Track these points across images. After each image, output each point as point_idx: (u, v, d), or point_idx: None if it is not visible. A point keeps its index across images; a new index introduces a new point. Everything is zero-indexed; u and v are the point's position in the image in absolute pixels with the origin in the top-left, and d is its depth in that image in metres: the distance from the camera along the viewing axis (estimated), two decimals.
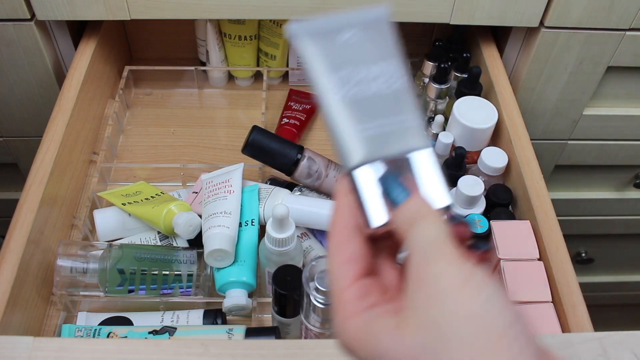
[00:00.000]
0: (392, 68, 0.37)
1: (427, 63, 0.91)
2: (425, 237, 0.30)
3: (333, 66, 0.37)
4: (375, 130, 0.35)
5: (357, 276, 0.32)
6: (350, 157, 0.35)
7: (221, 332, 0.63)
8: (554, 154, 1.02)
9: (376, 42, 0.38)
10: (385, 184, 0.34)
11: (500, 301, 0.27)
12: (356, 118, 0.36)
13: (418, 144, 0.36)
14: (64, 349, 0.50)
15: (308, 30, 0.37)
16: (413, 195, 0.32)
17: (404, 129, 0.36)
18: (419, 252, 0.29)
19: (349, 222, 0.33)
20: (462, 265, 0.28)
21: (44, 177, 0.68)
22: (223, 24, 0.93)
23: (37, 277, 0.65)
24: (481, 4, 0.79)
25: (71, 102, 0.77)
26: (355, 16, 0.38)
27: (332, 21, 0.38)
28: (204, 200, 0.73)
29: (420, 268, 0.29)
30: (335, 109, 0.36)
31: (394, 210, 0.32)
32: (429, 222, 0.30)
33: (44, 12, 0.78)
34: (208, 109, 0.97)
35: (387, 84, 0.37)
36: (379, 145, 0.35)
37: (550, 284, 0.63)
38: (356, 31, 0.38)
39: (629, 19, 0.81)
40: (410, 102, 0.37)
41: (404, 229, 0.31)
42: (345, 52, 0.37)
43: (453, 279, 0.27)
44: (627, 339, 0.51)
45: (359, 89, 0.36)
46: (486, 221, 0.67)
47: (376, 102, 0.36)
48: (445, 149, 0.78)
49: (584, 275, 1.36)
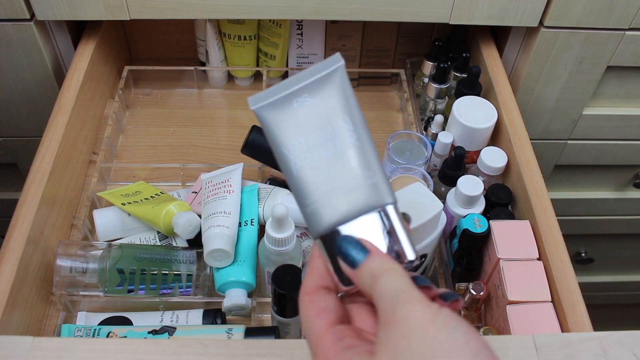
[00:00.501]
0: (344, 127, 0.37)
1: (427, 63, 0.91)
2: (390, 287, 0.32)
3: (287, 137, 0.37)
4: (337, 195, 0.36)
5: (331, 324, 0.34)
6: (316, 225, 0.36)
7: (221, 331, 0.63)
8: (553, 154, 1.02)
9: (327, 102, 0.37)
10: (341, 248, 0.36)
11: (464, 334, 0.29)
12: (312, 188, 0.36)
13: (378, 200, 0.36)
14: (63, 348, 0.50)
15: (265, 102, 0.38)
16: (371, 254, 0.35)
17: (366, 186, 0.36)
18: (386, 300, 0.32)
19: (319, 282, 0.36)
20: (427, 306, 0.30)
21: (43, 177, 0.68)
22: (223, 24, 0.93)
23: (37, 277, 0.65)
24: (481, 4, 0.79)
25: (71, 102, 0.77)
26: (311, 73, 0.38)
27: (288, 87, 0.38)
28: (204, 200, 0.73)
29: (388, 312, 0.31)
30: (296, 179, 0.37)
31: (355, 271, 0.35)
32: (391, 274, 0.33)
33: (43, 12, 0.78)
34: (208, 109, 0.97)
35: (340, 145, 0.37)
36: (340, 210, 0.36)
37: (549, 283, 0.63)
38: (309, 94, 0.38)
39: (628, 19, 0.81)
40: (368, 158, 0.37)
41: (368, 286, 0.34)
42: (298, 120, 0.37)
43: (419, 318, 0.30)
44: (627, 339, 0.51)
45: (313, 157, 0.37)
46: (486, 221, 0.67)
47: (332, 166, 0.36)
48: (445, 148, 0.78)
49: (584, 275, 1.36)
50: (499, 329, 0.64)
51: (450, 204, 0.71)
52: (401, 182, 0.71)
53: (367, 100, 1.00)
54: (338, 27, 0.94)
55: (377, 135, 0.93)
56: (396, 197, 0.37)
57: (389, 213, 0.37)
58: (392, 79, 1.02)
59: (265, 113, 0.38)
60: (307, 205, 0.37)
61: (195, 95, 0.99)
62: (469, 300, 0.67)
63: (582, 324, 0.59)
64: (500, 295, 0.64)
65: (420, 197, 0.62)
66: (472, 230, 0.66)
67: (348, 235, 0.36)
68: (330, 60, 0.38)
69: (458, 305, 0.35)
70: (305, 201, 0.37)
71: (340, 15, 0.81)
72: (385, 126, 0.95)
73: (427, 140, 0.76)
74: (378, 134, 0.94)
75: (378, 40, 0.97)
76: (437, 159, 0.80)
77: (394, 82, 1.02)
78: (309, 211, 0.37)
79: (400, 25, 0.96)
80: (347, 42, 0.96)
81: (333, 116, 0.37)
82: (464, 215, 0.69)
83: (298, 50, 0.97)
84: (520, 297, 0.62)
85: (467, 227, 0.67)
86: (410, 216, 0.40)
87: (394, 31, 0.96)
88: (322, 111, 0.37)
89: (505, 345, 0.51)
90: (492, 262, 0.66)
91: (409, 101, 0.93)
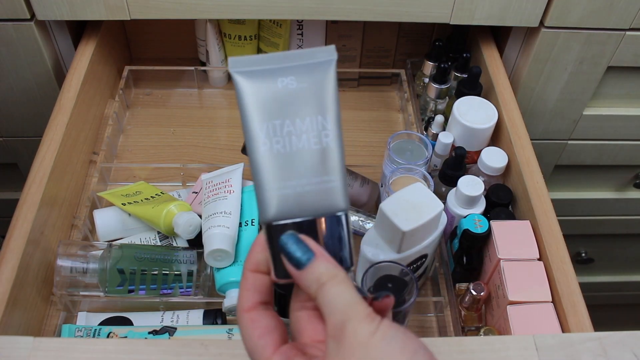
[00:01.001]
0: (323, 124, 0.36)
1: (427, 63, 0.91)
2: (339, 302, 0.34)
3: (263, 115, 0.36)
4: (292, 189, 0.36)
5: (276, 345, 0.36)
6: (264, 212, 0.36)
7: (221, 332, 0.63)
8: (553, 154, 1.02)
9: (313, 93, 0.36)
10: (288, 245, 0.36)
11: (401, 341, 0.33)
12: (275, 174, 0.36)
13: (334, 206, 0.36)
14: (64, 349, 0.50)
15: (247, 68, 0.36)
16: (317, 257, 0.35)
17: (322, 190, 0.36)
18: (337, 316, 0.34)
19: (257, 298, 0.38)
20: (370, 321, 0.33)
21: (44, 177, 0.68)
22: (223, 24, 0.93)
23: (37, 277, 0.65)
24: (481, 4, 0.79)
25: (71, 102, 0.77)
26: (302, 57, 0.37)
27: (276, 61, 0.36)
28: (204, 200, 0.73)
29: (338, 328, 0.33)
30: (259, 160, 0.36)
31: (300, 272, 0.35)
32: (338, 284, 0.35)
33: (43, 12, 0.78)
34: (208, 109, 0.97)
35: (316, 140, 0.36)
36: (293, 204, 0.36)
37: (550, 284, 0.63)
38: (295, 77, 0.36)
39: (629, 19, 0.81)
40: (334, 162, 0.36)
41: (313, 289, 0.35)
42: (280, 100, 0.36)
43: (364, 333, 0.33)
44: (627, 339, 0.51)
45: (286, 142, 0.36)
46: (486, 221, 0.67)
47: (301, 158, 0.36)
48: (445, 149, 0.78)
49: (584, 275, 1.36)
50: (500, 329, 0.64)
51: (450, 204, 0.71)
52: (402, 182, 0.71)
53: (367, 100, 1.00)
54: (338, 27, 0.94)
55: (377, 136, 0.93)
56: (348, 205, 0.37)
57: (340, 219, 0.37)
58: (393, 79, 1.02)
59: (244, 80, 0.36)
60: (264, 190, 0.36)
61: (195, 95, 0.99)
62: (470, 301, 0.67)
63: (583, 324, 0.59)
64: (500, 295, 0.64)
65: (420, 197, 0.62)
66: (472, 230, 0.66)
67: (294, 233, 0.36)
68: (325, 51, 0.37)
69: (389, 301, 0.37)
70: (264, 184, 0.36)
71: (341, 15, 0.81)
72: (386, 126, 0.95)
73: (427, 140, 0.76)
74: (378, 134, 0.94)
75: (378, 40, 0.97)
76: (438, 159, 0.80)
77: (394, 82, 1.02)
78: (263, 195, 0.36)
79: (400, 25, 0.96)
80: (347, 42, 0.96)
81: (314, 109, 0.36)
82: (465, 215, 0.69)
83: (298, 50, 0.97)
84: (521, 298, 0.62)
85: (468, 227, 0.66)
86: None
87: (394, 31, 0.96)
88: (305, 101, 0.36)
89: (506, 346, 0.51)
90: (492, 263, 0.66)
91: (409, 101, 0.93)
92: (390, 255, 0.62)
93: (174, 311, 0.67)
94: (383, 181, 0.77)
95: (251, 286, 0.38)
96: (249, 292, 0.38)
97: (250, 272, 0.39)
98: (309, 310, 0.38)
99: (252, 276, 0.39)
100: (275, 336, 0.37)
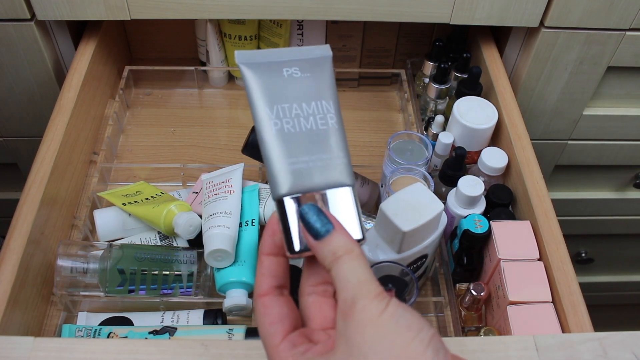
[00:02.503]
0: (327, 108, 0.40)
1: (427, 63, 0.91)
2: (352, 278, 0.35)
3: (272, 99, 0.39)
4: (304, 164, 0.38)
5: (285, 333, 0.37)
6: (278, 187, 0.38)
7: (221, 332, 0.63)
8: (554, 154, 1.02)
9: (316, 81, 0.40)
10: (308, 215, 0.37)
11: (408, 319, 0.34)
12: (287, 151, 0.38)
13: (342, 180, 0.39)
14: (64, 349, 0.50)
15: (253, 60, 0.40)
16: (336, 230, 0.37)
17: (331, 166, 0.39)
18: (348, 292, 0.35)
19: (271, 283, 0.39)
20: (380, 300, 0.34)
21: (44, 177, 0.68)
22: (223, 24, 0.93)
23: (38, 277, 0.65)
24: (481, 4, 0.79)
25: (71, 102, 0.77)
26: (302, 53, 0.41)
27: (279, 55, 0.40)
28: (204, 200, 0.73)
29: (348, 304, 0.35)
30: (269, 140, 0.38)
31: (318, 242, 0.36)
32: (353, 259, 0.36)
33: (44, 12, 0.78)
34: (208, 109, 0.97)
35: (320, 122, 0.39)
36: (305, 178, 0.38)
37: (550, 284, 0.63)
38: (299, 68, 0.40)
39: (629, 19, 0.81)
40: (340, 141, 0.39)
41: (328, 261, 0.36)
42: (285, 87, 0.39)
43: (372, 311, 0.34)
44: (627, 339, 0.51)
45: (293, 123, 0.39)
46: (486, 221, 0.67)
47: (308, 138, 0.39)
48: (446, 149, 0.78)
49: (584, 275, 1.36)
50: (500, 330, 0.64)
51: (450, 205, 0.71)
52: (402, 182, 0.71)
53: (367, 100, 1.00)
54: (338, 27, 0.94)
55: (377, 136, 0.93)
56: (355, 181, 0.40)
57: (349, 193, 0.39)
58: (393, 79, 1.02)
59: (252, 71, 0.39)
60: (275, 167, 0.38)
61: (195, 95, 0.99)
62: (470, 301, 0.67)
63: (583, 325, 0.59)
64: (500, 295, 0.64)
65: (420, 198, 0.62)
66: (472, 230, 0.66)
67: (315, 204, 0.38)
68: (320, 49, 0.41)
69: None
70: (276, 161, 0.38)
71: (341, 15, 0.81)
72: (386, 126, 0.95)
73: (427, 140, 0.76)
74: (378, 134, 0.94)
75: (378, 40, 0.97)
76: (438, 159, 0.80)
77: (394, 82, 1.02)
78: (275, 172, 0.38)
79: (400, 25, 0.96)
80: (347, 42, 0.96)
81: (319, 95, 0.40)
82: (465, 215, 0.69)
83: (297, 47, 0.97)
84: (521, 298, 0.62)
85: (468, 227, 0.67)
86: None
87: (394, 31, 0.96)
88: (310, 87, 0.40)
89: (506, 346, 0.51)
90: (492, 263, 0.66)
91: (409, 101, 0.93)
92: (391, 255, 0.62)
93: (174, 311, 0.67)
94: (383, 181, 0.77)
95: (266, 270, 0.39)
96: (263, 276, 0.39)
97: (265, 255, 0.39)
98: (318, 296, 0.39)
99: (267, 260, 0.39)
100: (285, 323, 0.38)
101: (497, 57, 0.89)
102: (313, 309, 0.39)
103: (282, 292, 0.39)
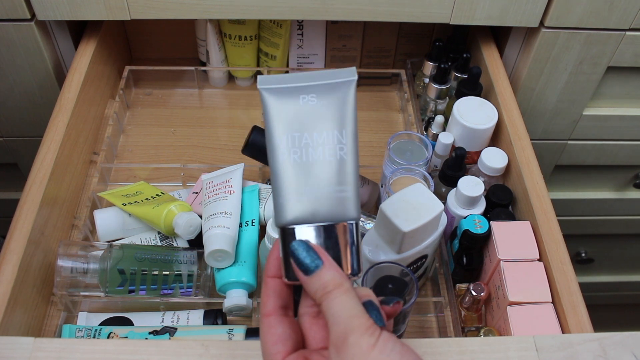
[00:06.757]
0: (339, 138, 0.39)
1: (427, 63, 0.91)
2: (343, 314, 0.36)
3: (287, 126, 0.39)
4: (309, 196, 0.39)
5: (286, 353, 0.39)
6: (280, 215, 0.39)
7: (221, 332, 0.63)
8: (553, 154, 1.02)
9: (331, 109, 0.40)
10: (298, 252, 0.38)
11: (399, 352, 0.35)
12: (294, 181, 0.39)
13: (345, 214, 0.39)
14: (64, 349, 0.50)
15: (273, 85, 0.40)
16: (325, 265, 0.38)
17: (336, 199, 0.39)
18: (340, 327, 0.36)
19: (276, 304, 0.40)
20: (371, 334, 0.36)
21: (44, 177, 0.68)
22: (223, 24, 0.93)
23: (38, 277, 0.65)
24: (481, 4, 0.79)
25: (71, 102, 0.77)
26: (325, 76, 0.40)
27: (298, 80, 0.40)
28: (204, 200, 0.73)
29: (340, 339, 0.36)
30: (278, 168, 0.39)
31: (308, 277, 0.38)
32: (343, 294, 0.37)
33: (44, 12, 0.78)
34: (208, 109, 0.97)
35: (331, 152, 0.39)
36: (309, 210, 0.39)
37: (550, 284, 0.63)
38: (316, 95, 0.40)
39: (629, 19, 0.81)
40: (350, 173, 0.39)
41: (319, 295, 0.37)
42: (302, 114, 0.39)
43: (364, 345, 0.35)
44: (627, 340, 0.51)
45: (303, 153, 0.39)
46: (486, 221, 0.67)
47: (316, 168, 0.39)
48: (446, 149, 0.79)
49: (584, 275, 1.36)
50: (500, 330, 0.64)
51: (450, 205, 0.71)
52: (402, 182, 0.71)
53: (367, 100, 1.00)
54: (338, 27, 0.94)
55: (377, 136, 0.93)
56: (359, 215, 0.40)
57: (350, 227, 0.40)
58: (393, 79, 1.02)
59: (270, 96, 0.39)
60: (281, 195, 0.39)
61: (195, 95, 0.99)
62: (470, 301, 0.67)
63: (583, 325, 0.59)
64: (500, 296, 0.64)
65: (420, 198, 0.62)
66: (472, 230, 0.66)
67: (305, 240, 0.39)
68: (345, 72, 0.40)
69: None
70: (281, 191, 0.39)
71: (341, 15, 0.81)
72: (386, 126, 0.95)
73: (427, 140, 0.76)
74: (378, 134, 0.94)
75: (378, 40, 0.97)
76: (438, 159, 0.80)
77: (394, 83, 1.02)
78: (280, 201, 0.39)
79: (400, 25, 0.96)
80: (347, 42, 0.96)
81: (331, 125, 0.39)
82: (465, 215, 0.69)
83: (299, 50, 0.97)
84: (521, 298, 0.62)
85: (468, 227, 0.67)
86: None
87: (394, 31, 0.96)
88: (323, 116, 0.39)
89: (506, 346, 0.51)
90: (492, 263, 0.66)
91: (409, 101, 0.93)
92: (391, 255, 0.62)
93: (174, 311, 0.67)
94: (383, 181, 0.77)
95: (271, 291, 0.41)
96: (269, 297, 0.41)
97: (270, 277, 0.41)
98: (314, 318, 0.40)
99: (272, 281, 0.41)
100: (287, 344, 0.39)
101: (497, 57, 0.89)
102: (309, 329, 0.40)
103: (286, 313, 0.41)
